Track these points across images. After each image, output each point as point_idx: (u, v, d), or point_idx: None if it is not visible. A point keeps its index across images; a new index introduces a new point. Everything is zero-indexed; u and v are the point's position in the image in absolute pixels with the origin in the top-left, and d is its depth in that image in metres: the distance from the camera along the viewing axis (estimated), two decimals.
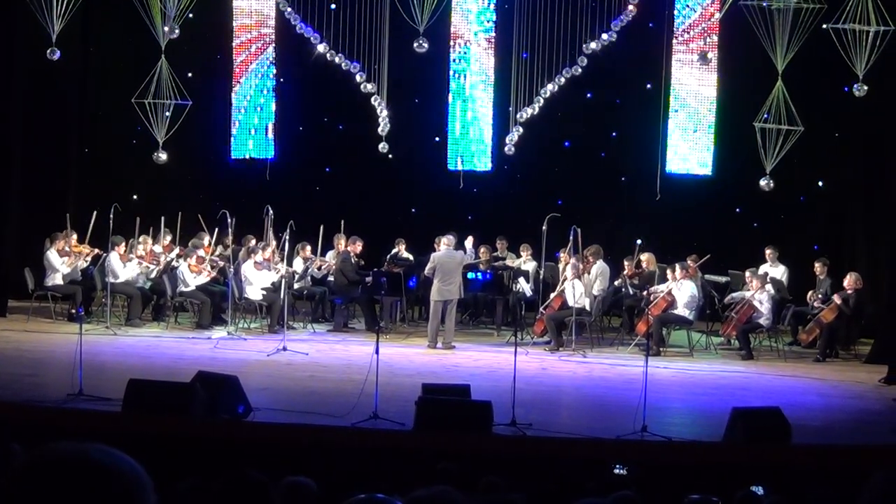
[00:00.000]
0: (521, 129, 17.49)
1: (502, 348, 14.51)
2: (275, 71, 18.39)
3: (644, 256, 16.05)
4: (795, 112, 15.51)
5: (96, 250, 16.27)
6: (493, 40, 17.83)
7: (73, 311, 14.98)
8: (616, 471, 8.46)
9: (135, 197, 18.49)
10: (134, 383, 9.89)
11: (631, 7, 17.12)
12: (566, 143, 18.62)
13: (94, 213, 16.09)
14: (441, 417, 9.49)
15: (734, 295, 15.49)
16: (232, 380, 10.22)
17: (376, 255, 17.06)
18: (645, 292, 15.07)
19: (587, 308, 15.12)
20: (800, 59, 15.37)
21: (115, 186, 17.83)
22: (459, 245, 15.79)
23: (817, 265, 15.69)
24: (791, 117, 15.50)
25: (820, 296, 15.28)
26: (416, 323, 16.96)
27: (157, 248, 16.55)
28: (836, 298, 14.82)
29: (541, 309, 15.33)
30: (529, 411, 10.40)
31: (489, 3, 17.79)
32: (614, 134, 18.47)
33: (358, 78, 17.56)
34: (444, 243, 15.09)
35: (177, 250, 16.50)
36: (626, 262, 16.17)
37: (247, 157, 18.47)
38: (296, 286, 16.43)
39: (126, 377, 10.12)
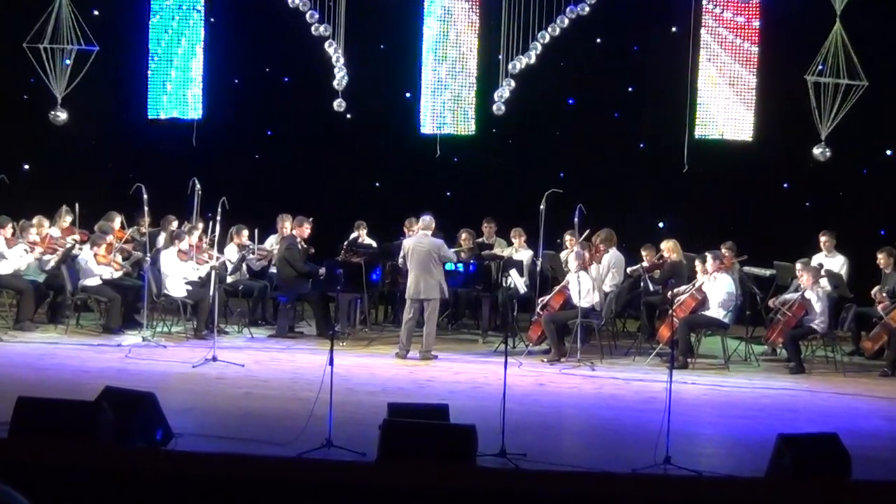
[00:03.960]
0: (513, 84, 17.42)
1: (489, 358, 14.52)
2: (204, 10, 18.28)
3: (667, 244, 16.01)
4: (857, 63, 15.49)
5: None
6: None
7: None
8: None
9: (26, 167, 18.37)
10: (24, 402, 9.79)
11: None
12: (570, 101, 18.65)
13: None
14: (412, 445, 9.44)
15: (786, 296, 15.40)
16: (148, 398, 10.16)
17: (330, 242, 17.01)
18: (669, 290, 14.93)
19: (596, 308, 15.09)
20: None
21: (2, 153, 17.72)
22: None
23: (880, 256, 15.67)
24: (852, 69, 15.51)
25: (886, 293, 15.25)
26: (381, 326, 16.90)
27: (55, 232, 16.42)
28: None
29: (537, 309, 15.27)
30: (523, 438, 10.39)
31: None
32: (630, 89, 18.50)
33: (308, 18, 17.46)
34: (420, 228, 15.01)
35: (78, 235, 16.38)
36: (644, 252, 16.14)
37: (167, 116, 18.34)
38: (229, 280, 16.35)
39: (14, 394, 9.99)
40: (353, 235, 17.02)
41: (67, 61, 16.94)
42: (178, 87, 18.37)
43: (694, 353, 15.25)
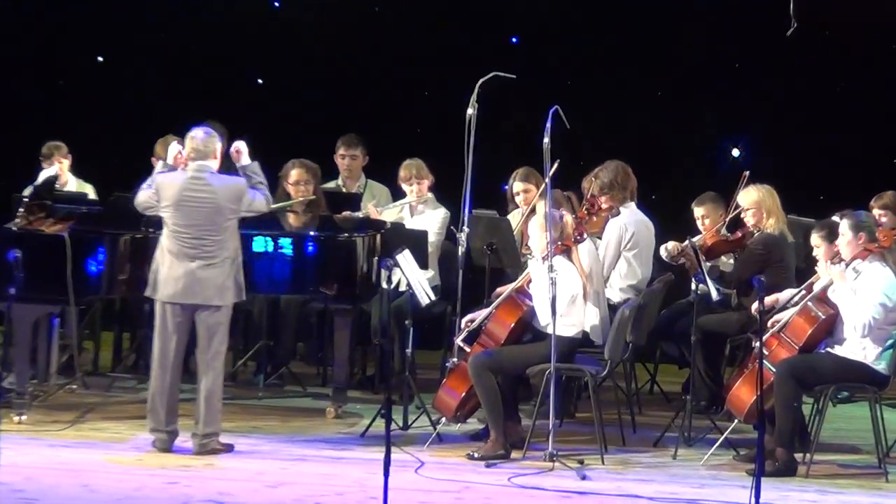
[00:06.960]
0: None
1: (349, 451, 14.72)
2: None
3: (750, 196, 15.92)
4: None
5: None
6: None
7: None
8: None
9: None
10: None
11: None
12: None
13: None
14: None
15: None
16: None
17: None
18: (754, 298, 14.08)
19: (592, 339, 14.47)
20: None
21: None
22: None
23: None
24: None
25: None
26: (109, 377, 17.20)
27: None
28: None
29: (458, 341, 14.76)
30: None
31: None
32: None
33: None
34: (191, 154, 14.45)
35: None
36: (699, 211, 16.15)
37: None
38: None
39: None
40: (43, 174, 16.90)
41: None
42: None
43: (811, 439, 14.67)
